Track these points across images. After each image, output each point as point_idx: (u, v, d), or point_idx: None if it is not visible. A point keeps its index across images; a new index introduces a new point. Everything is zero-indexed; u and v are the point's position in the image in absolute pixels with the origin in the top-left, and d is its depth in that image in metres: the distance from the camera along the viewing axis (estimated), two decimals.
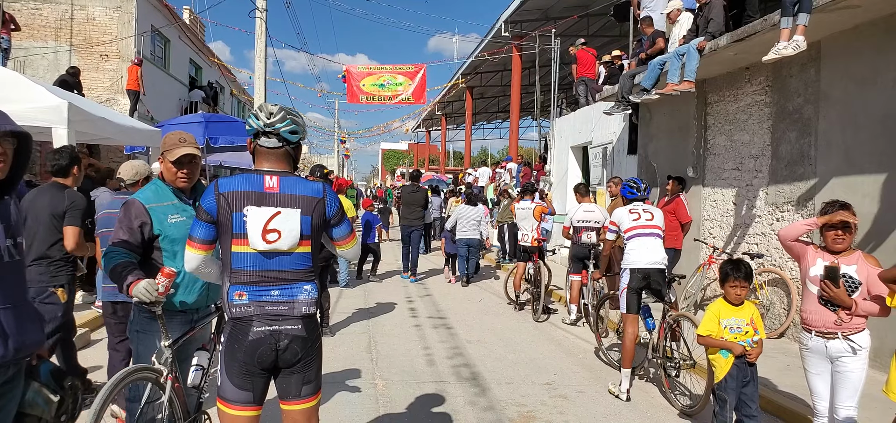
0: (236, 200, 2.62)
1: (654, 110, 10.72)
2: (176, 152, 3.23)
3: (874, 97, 6.33)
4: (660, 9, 9.59)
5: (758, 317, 4.18)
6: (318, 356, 2.79)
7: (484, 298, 10.66)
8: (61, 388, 2.25)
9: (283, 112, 2.70)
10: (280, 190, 2.66)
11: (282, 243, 2.63)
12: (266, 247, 2.62)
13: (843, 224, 3.67)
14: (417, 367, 6.33)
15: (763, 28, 6.67)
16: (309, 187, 2.73)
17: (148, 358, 3.05)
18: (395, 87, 21.42)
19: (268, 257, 2.64)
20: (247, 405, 2.68)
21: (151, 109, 17.78)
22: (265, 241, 2.62)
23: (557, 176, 16.33)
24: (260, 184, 2.66)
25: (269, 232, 2.62)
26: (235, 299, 2.64)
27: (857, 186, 6.43)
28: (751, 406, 4.06)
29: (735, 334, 4.08)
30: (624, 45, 15.85)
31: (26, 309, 2.23)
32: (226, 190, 2.63)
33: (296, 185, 2.71)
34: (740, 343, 4.05)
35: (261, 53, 14.59)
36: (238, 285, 2.64)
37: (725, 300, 4.19)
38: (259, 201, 2.63)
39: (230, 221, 2.63)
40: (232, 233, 2.63)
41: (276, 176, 2.69)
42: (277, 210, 2.63)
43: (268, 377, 2.73)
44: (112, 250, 3.11)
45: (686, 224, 8.59)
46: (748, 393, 4.07)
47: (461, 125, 38.36)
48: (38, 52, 17.82)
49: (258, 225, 2.61)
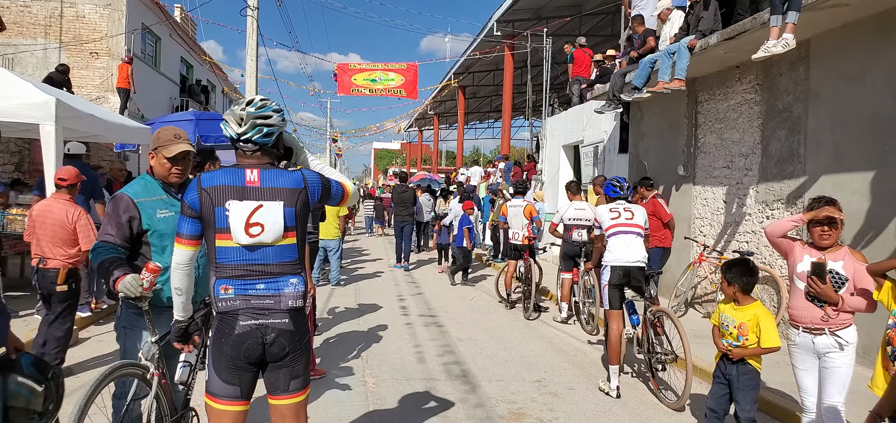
0: (218, 195, 2.62)
1: (645, 109, 10.75)
2: (173, 149, 3.22)
3: (863, 95, 6.37)
4: (651, 7, 9.62)
5: (759, 324, 3.97)
6: (307, 351, 2.77)
7: (475, 296, 10.67)
8: (45, 378, 2.24)
9: (252, 120, 2.66)
10: (261, 183, 2.65)
11: (265, 236, 2.62)
12: (249, 240, 2.61)
13: (829, 220, 3.68)
14: (408, 365, 6.32)
15: (753, 27, 6.70)
16: (290, 179, 2.70)
17: (135, 354, 3.03)
18: (386, 81, 21.38)
19: (252, 251, 2.63)
20: (234, 400, 2.68)
21: (142, 107, 17.68)
22: (248, 235, 2.61)
23: (549, 175, 16.35)
24: (241, 178, 2.65)
25: (252, 226, 2.61)
26: (221, 293, 2.63)
27: (846, 183, 6.47)
28: (742, 405, 4.02)
29: (724, 331, 4.12)
30: (616, 45, 15.89)
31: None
32: (208, 185, 2.63)
33: (277, 177, 2.69)
34: (725, 342, 4.09)
35: (252, 52, 14.53)
36: (224, 280, 2.63)
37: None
38: (241, 195, 2.62)
39: (213, 215, 2.62)
40: (215, 227, 2.62)
41: (257, 170, 2.68)
42: (259, 203, 2.63)
43: (255, 372, 2.72)
44: (100, 245, 3.09)
45: (668, 222, 8.61)
46: (734, 393, 4.06)
47: (453, 125, 38.34)
48: (27, 49, 17.69)
49: (240, 219, 2.60)
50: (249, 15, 14.43)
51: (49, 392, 2.24)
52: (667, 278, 9.45)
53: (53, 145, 6.63)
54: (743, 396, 4.01)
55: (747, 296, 4.10)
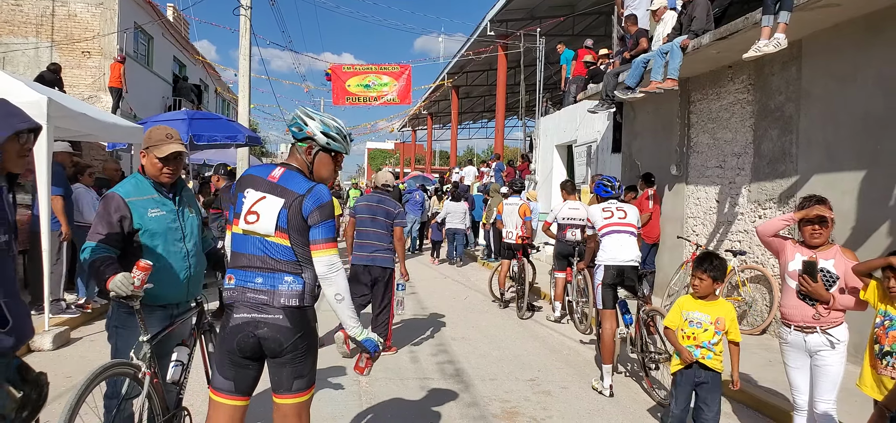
0: (244, 183, 2.80)
1: (637, 109, 10.78)
2: (164, 149, 3.20)
3: (854, 95, 6.40)
4: (644, 7, 9.64)
5: (730, 319, 3.98)
6: (311, 352, 2.77)
7: (469, 295, 10.67)
8: (25, 383, 2.19)
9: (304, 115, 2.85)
10: (278, 180, 2.75)
11: (258, 225, 2.69)
12: (245, 227, 2.71)
13: (820, 219, 3.70)
14: (401, 364, 6.32)
15: (745, 26, 6.73)
16: (299, 184, 2.73)
17: (126, 354, 3.02)
18: (380, 87, 21.33)
19: (249, 240, 2.71)
20: (228, 394, 2.72)
21: (134, 106, 17.61)
22: (245, 221, 2.71)
23: (542, 175, 16.37)
24: (267, 172, 2.80)
25: (250, 213, 2.71)
26: (226, 283, 2.76)
27: (838, 182, 6.50)
28: (704, 410, 3.95)
29: (693, 330, 3.98)
30: (610, 45, 15.93)
31: (19, 302, 2.25)
32: (244, 174, 2.88)
33: (292, 179, 2.75)
34: (690, 349, 3.95)
35: (245, 51, 14.50)
36: (230, 269, 2.76)
37: (692, 293, 4.17)
38: (257, 186, 2.75)
39: (235, 201, 2.79)
40: (234, 213, 2.78)
41: (283, 168, 2.80)
42: (264, 195, 2.72)
43: (254, 369, 2.76)
44: (90, 244, 3.07)
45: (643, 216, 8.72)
46: (702, 395, 3.97)
47: (447, 125, 38.35)
48: (19, 48, 17.56)
49: (246, 206, 2.72)
50: (242, 14, 14.40)
51: (26, 399, 2.16)
52: (659, 278, 9.48)
53: (45, 145, 6.58)
54: (713, 398, 3.95)
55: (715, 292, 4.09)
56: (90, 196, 7.93)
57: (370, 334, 2.81)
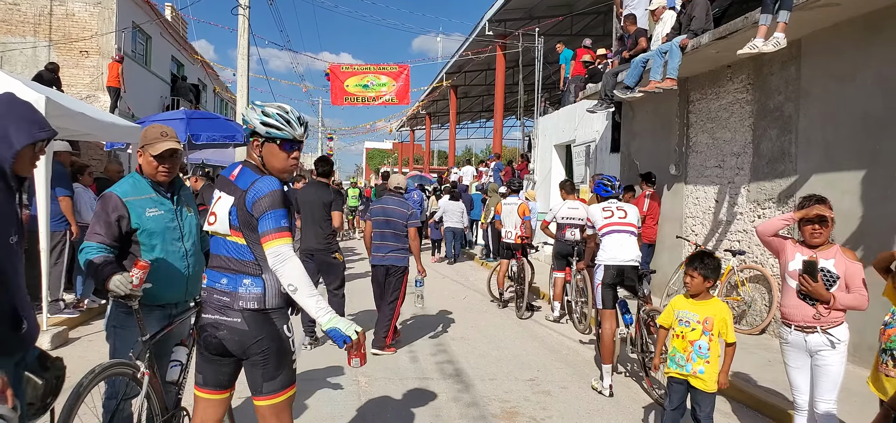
0: (217, 183, 2.84)
1: (636, 108, 10.77)
2: (158, 147, 3.19)
3: (853, 94, 6.40)
4: (643, 6, 9.64)
5: (723, 319, 3.91)
6: (280, 355, 2.68)
7: (468, 295, 10.66)
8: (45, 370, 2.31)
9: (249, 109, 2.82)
10: (235, 179, 2.73)
11: (217, 226, 2.72)
12: (208, 227, 2.77)
13: (820, 218, 3.68)
14: (400, 364, 6.31)
15: (745, 26, 6.72)
16: (246, 180, 2.68)
17: (125, 354, 3.00)
18: (378, 87, 21.32)
19: (216, 241, 2.76)
20: (203, 388, 2.82)
21: (132, 106, 17.56)
22: (208, 222, 2.76)
23: (541, 174, 16.37)
24: (230, 171, 2.80)
25: (211, 214, 2.75)
26: (202, 282, 2.82)
27: (837, 182, 6.49)
28: (697, 409, 3.94)
29: (683, 328, 3.97)
30: (609, 44, 15.94)
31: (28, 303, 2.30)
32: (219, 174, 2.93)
33: (243, 175, 2.72)
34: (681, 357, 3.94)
35: (244, 51, 14.48)
36: (206, 268, 2.83)
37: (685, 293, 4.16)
38: (220, 185, 2.79)
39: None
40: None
41: (241, 165, 2.79)
42: (220, 195, 2.75)
43: (227, 364, 2.79)
44: (88, 244, 3.06)
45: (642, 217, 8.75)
46: (694, 395, 3.96)
47: (445, 124, 38.35)
48: (16, 47, 17.51)
49: (211, 206, 2.77)
50: (241, 14, 14.38)
51: (48, 386, 2.30)
52: (658, 278, 9.47)
53: None
54: (705, 399, 3.93)
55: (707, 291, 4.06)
56: (88, 196, 7.91)
57: (336, 324, 2.52)
